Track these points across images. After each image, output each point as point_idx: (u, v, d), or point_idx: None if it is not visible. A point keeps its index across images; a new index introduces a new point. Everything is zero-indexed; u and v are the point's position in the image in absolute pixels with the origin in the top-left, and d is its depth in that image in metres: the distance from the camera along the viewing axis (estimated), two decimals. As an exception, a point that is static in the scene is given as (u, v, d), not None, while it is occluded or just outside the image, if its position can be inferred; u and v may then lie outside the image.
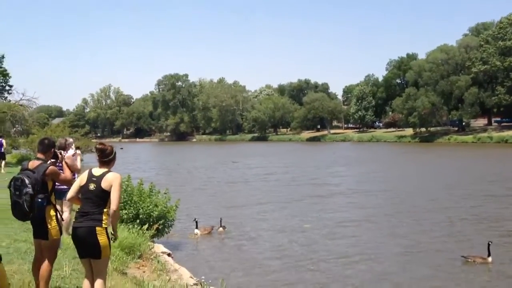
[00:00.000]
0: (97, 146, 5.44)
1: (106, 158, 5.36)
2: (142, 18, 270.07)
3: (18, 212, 5.37)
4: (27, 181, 5.32)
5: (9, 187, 5.45)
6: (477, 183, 29.14)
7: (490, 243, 12.83)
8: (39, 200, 5.36)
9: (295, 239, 15.94)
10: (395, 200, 24.00)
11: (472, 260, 12.62)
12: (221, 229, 16.89)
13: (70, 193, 5.41)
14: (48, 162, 5.73)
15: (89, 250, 5.11)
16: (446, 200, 23.21)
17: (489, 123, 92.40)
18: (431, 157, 53.17)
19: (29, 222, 5.56)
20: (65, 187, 6.64)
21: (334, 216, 19.83)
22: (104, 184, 5.18)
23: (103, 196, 5.15)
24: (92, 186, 5.20)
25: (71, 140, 9.43)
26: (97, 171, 5.29)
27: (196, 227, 16.47)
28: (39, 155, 5.78)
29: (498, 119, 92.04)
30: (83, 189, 5.29)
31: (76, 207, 5.73)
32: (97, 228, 5.06)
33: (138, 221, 12.09)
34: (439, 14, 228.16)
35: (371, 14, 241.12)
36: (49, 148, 5.86)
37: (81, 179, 5.34)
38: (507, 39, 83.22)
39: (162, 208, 12.91)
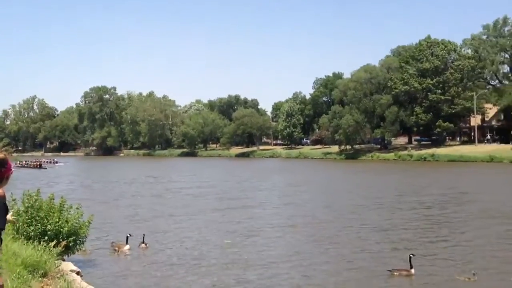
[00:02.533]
0: None
1: None
2: (70, 26, 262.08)
3: None
4: None
5: None
6: (389, 196, 30.55)
7: (411, 255, 13.38)
8: None
9: (213, 255, 15.84)
10: (314, 213, 24.69)
11: (398, 274, 13.10)
12: (143, 245, 16.60)
13: None
14: None
15: None
16: (358, 212, 24.36)
17: (410, 142, 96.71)
18: (352, 173, 55.31)
19: None
20: None
21: (254, 230, 20.13)
22: None
23: None
24: None
25: None
26: None
27: (127, 243, 16.22)
28: None
29: (418, 137, 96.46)
30: None
31: None
32: None
33: (46, 237, 11.57)
34: (365, 35, 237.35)
35: (299, 32, 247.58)
36: None
37: None
38: (424, 61, 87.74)
39: (73, 224, 12.48)
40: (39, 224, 11.93)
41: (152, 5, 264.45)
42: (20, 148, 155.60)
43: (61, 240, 11.77)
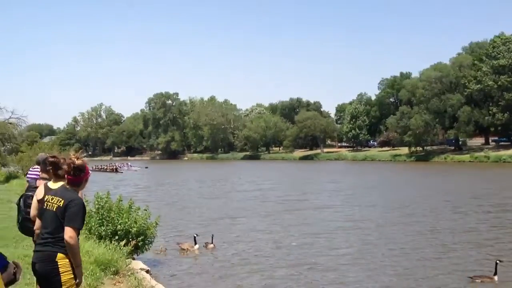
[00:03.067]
0: (49, 159, 5.28)
1: (60, 171, 5.07)
2: (133, 36, 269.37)
3: (28, 228, 5.33)
4: None
5: (18, 203, 5.51)
6: (471, 201, 28.35)
7: (498, 262, 12.54)
8: None
9: (283, 257, 15.44)
10: (385, 215, 23.61)
11: (480, 281, 12.34)
12: (211, 245, 16.72)
13: (33, 211, 5.18)
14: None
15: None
16: (445, 217, 22.74)
17: (487, 142, 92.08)
18: (423, 176, 52.82)
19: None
20: None
21: (321, 232, 19.42)
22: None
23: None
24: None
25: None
26: (53, 185, 5.07)
27: (195, 243, 16.52)
28: (43, 175, 5.75)
29: (496, 138, 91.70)
30: (40, 204, 4.90)
31: None
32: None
33: (116, 237, 11.93)
34: (433, 33, 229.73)
35: (364, 32, 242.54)
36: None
37: (37, 194, 5.16)
38: (500, 58, 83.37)
39: (141, 225, 12.73)
40: (110, 224, 12.29)
41: (213, 10, 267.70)
42: (90, 153, 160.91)
43: (130, 239, 12.16)
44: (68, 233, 4.38)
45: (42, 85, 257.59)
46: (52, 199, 4.59)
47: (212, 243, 16.80)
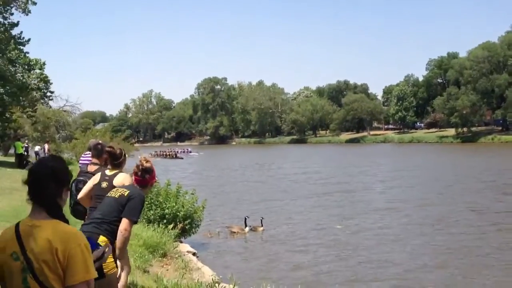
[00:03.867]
0: (107, 149, 5.51)
1: (117, 161, 5.36)
2: (182, 23, 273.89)
3: (80, 212, 5.55)
4: None
5: (70, 188, 5.31)
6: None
7: None
8: None
9: (327, 242, 15.83)
10: (444, 201, 23.54)
11: None
12: (261, 228, 17.20)
13: (83, 192, 5.33)
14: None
15: None
16: (490, 198, 23.17)
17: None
18: (469, 156, 52.32)
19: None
20: None
21: (364, 213, 20.15)
22: (116, 182, 5.08)
23: None
24: (104, 184, 5.12)
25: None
26: (110, 172, 5.31)
27: (245, 225, 17.08)
28: (95, 160, 5.96)
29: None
30: (95, 188, 5.17)
31: None
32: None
33: (164, 221, 12.38)
34: (482, 11, 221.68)
35: (409, 11, 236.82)
36: (103, 153, 5.85)
37: (94, 179, 5.30)
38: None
39: (188, 209, 13.18)
40: (158, 209, 12.67)
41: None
42: (141, 139, 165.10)
43: (178, 223, 12.46)
44: (124, 225, 4.42)
45: (96, 73, 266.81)
46: (116, 190, 4.69)
47: (262, 225, 17.24)
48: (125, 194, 4.54)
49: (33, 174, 2.44)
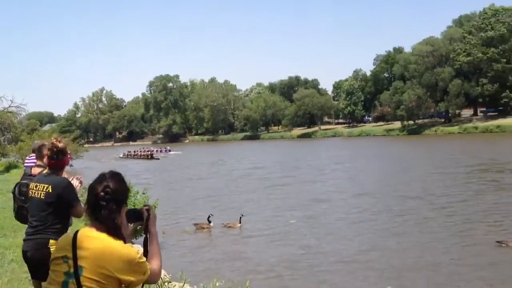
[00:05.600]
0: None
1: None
2: (131, 19, 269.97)
3: (23, 216, 5.12)
4: None
5: (13, 192, 5.39)
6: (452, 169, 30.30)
7: None
8: None
9: (280, 235, 16.41)
10: (398, 188, 25.12)
11: (506, 245, 13.04)
12: (239, 225, 17.46)
13: None
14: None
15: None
16: (423, 186, 24.93)
17: (475, 114, 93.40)
18: (412, 147, 54.62)
19: None
20: None
21: (327, 211, 20.71)
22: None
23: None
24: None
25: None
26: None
27: (209, 222, 17.46)
28: (39, 162, 5.53)
29: (484, 109, 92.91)
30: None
31: None
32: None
33: None
34: (425, 7, 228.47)
35: (357, 9, 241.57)
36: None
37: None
38: (489, 30, 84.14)
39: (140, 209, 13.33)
40: None
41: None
42: (91, 139, 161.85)
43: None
44: (78, 209, 4.48)
45: (42, 72, 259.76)
46: (36, 186, 4.49)
47: (240, 223, 17.43)
48: (50, 190, 4.39)
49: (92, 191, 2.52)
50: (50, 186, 4.38)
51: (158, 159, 64.40)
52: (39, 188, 4.44)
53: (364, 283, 11.35)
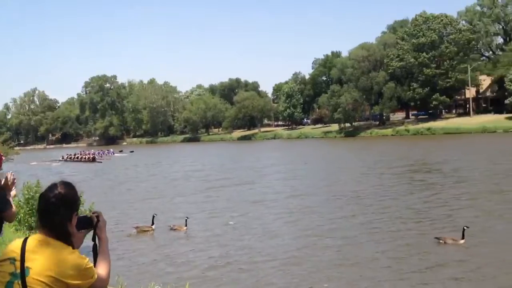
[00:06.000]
0: None
1: None
2: (67, 18, 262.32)
3: None
4: None
5: None
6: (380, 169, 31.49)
7: (465, 228, 13.57)
8: None
9: (218, 237, 16.44)
10: (338, 188, 25.75)
11: (444, 242, 13.51)
12: (185, 228, 17.26)
13: None
14: None
15: None
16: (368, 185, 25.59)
17: (407, 117, 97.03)
18: (347, 150, 56.28)
19: None
20: None
21: (266, 210, 21.03)
22: None
23: None
24: None
25: None
26: None
27: (152, 223, 17.28)
28: None
29: (416, 112, 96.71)
30: None
31: None
32: None
33: None
34: (362, 13, 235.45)
35: (297, 12, 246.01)
36: None
37: None
38: (420, 36, 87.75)
39: None
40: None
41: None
42: (22, 141, 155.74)
43: None
44: (12, 214, 4.50)
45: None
46: None
47: (186, 225, 17.24)
48: None
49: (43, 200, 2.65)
50: None
51: (101, 162, 62.04)
52: None
53: (300, 281, 11.52)
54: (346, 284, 11.18)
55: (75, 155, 68.79)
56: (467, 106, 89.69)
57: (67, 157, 68.08)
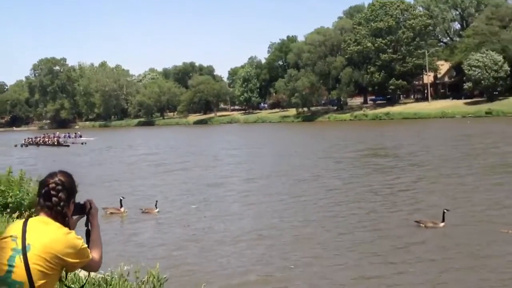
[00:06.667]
0: None
1: None
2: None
3: None
4: None
5: None
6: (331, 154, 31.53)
7: (445, 210, 13.58)
8: None
9: (181, 220, 16.38)
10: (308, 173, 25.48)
11: (424, 225, 13.49)
12: (156, 210, 17.03)
13: None
14: None
15: None
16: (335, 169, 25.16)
17: (365, 102, 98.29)
18: (306, 134, 56.47)
19: None
20: None
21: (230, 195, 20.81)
22: None
23: None
24: None
25: None
26: None
27: (121, 206, 17.11)
28: None
29: (373, 97, 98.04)
30: None
31: None
32: None
33: (8, 210, 11.77)
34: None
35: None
36: None
37: None
38: (378, 21, 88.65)
39: (34, 196, 12.21)
40: (0, 197, 12.06)
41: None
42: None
43: (23, 211, 11.76)
44: None
45: None
46: None
47: (156, 208, 17.01)
48: None
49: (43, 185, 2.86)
50: None
51: (68, 145, 58.14)
52: None
53: (264, 260, 11.75)
54: (310, 265, 11.13)
55: (36, 138, 64.56)
56: (425, 91, 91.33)
57: (29, 141, 63.47)
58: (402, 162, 26.95)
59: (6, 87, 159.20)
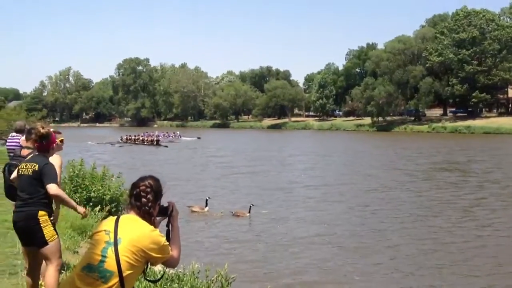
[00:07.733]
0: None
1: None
2: (103, 0, 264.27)
3: (12, 194, 5.68)
4: None
5: (3, 171, 6.11)
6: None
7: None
8: None
9: (252, 226, 16.54)
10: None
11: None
12: (248, 214, 17.10)
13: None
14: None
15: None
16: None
17: (445, 113, 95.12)
18: (382, 145, 55.39)
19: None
20: None
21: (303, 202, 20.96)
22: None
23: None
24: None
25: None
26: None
27: (206, 205, 17.72)
28: (28, 144, 5.97)
29: (454, 109, 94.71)
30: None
31: None
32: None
33: (91, 203, 12.41)
34: (400, 4, 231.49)
35: (333, 2, 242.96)
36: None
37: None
38: (460, 31, 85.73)
39: (114, 192, 13.29)
40: (84, 192, 12.75)
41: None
42: (57, 119, 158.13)
43: (104, 206, 12.53)
44: (53, 187, 4.89)
45: (8, 47, 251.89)
46: (26, 165, 5.06)
47: (249, 212, 17.10)
48: (36, 168, 4.99)
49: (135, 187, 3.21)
50: (36, 165, 5.00)
51: (167, 146, 55.44)
52: (28, 167, 5.04)
53: (332, 258, 12.48)
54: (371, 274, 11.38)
55: (135, 136, 62.22)
56: (510, 105, 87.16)
57: (127, 139, 62.24)
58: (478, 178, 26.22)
59: (92, 84, 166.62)
